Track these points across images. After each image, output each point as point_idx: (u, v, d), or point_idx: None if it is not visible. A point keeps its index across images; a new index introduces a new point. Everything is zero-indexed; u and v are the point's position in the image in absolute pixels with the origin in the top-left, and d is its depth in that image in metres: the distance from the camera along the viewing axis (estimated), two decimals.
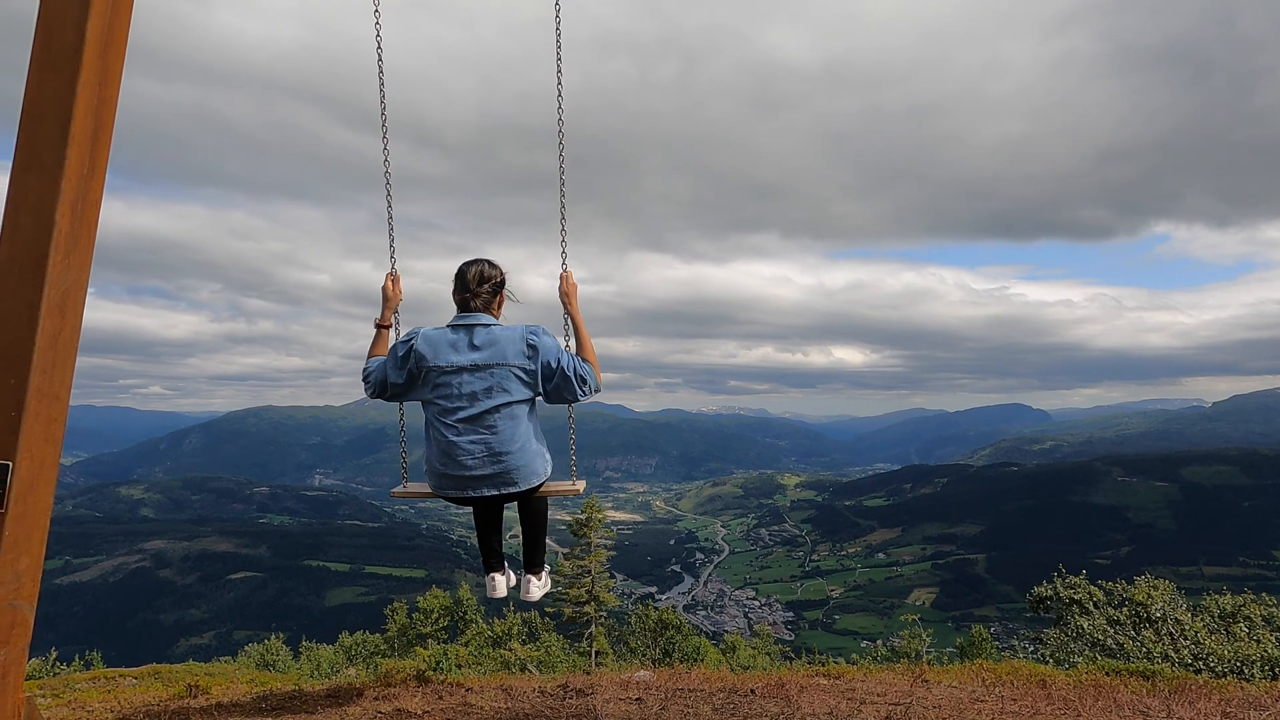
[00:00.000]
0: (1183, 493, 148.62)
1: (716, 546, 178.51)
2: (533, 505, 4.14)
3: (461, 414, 3.72)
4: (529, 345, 3.77)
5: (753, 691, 4.59)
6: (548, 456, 3.98)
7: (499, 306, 3.99)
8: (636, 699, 4.48)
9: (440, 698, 4.72)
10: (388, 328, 4.23)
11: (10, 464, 2.18)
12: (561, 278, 4.19)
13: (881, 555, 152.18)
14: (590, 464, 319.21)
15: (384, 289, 4.33)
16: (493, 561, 4.38)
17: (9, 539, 2.19)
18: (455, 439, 3.72)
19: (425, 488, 4.09)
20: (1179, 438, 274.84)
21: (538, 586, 4.26)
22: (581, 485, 4.22)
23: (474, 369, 3.72)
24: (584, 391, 3.85)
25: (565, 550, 25.30)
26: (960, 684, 5.09)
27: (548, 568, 4.40)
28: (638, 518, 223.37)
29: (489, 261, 3.96)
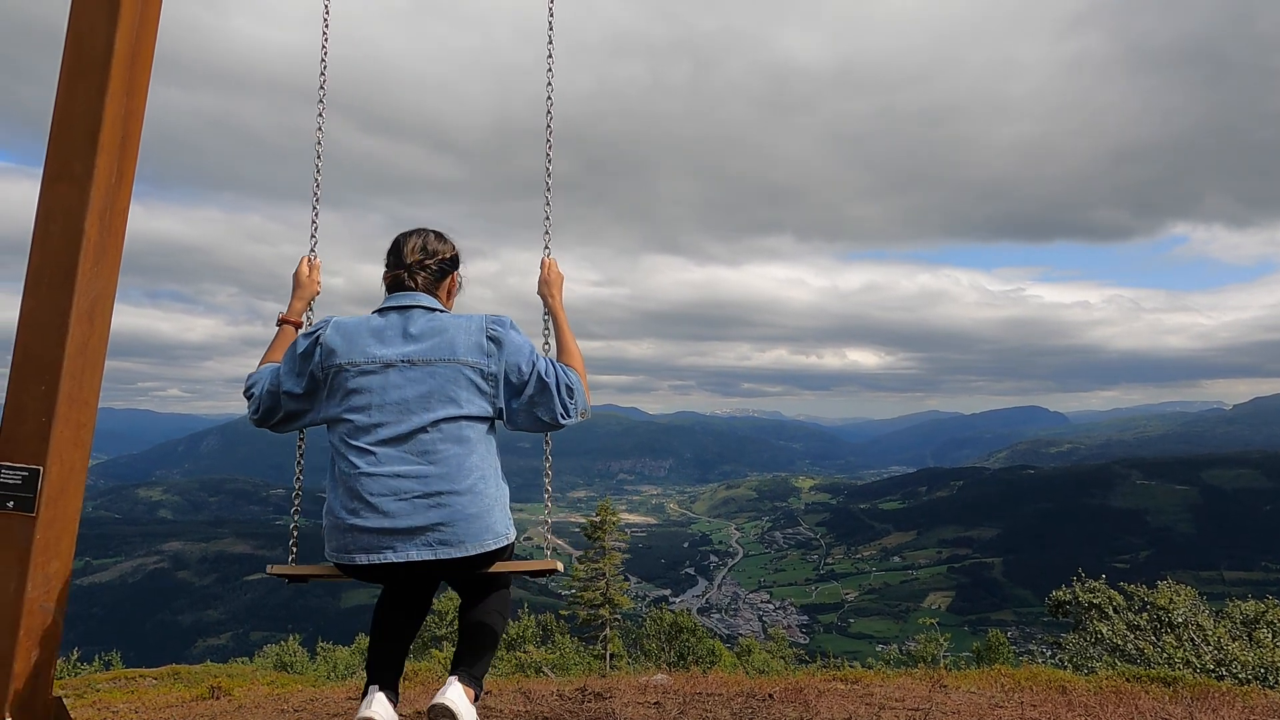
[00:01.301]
0: (1203, 496, 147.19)
1: (730, 549, 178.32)
2: (484, 590, 2.71)
3: (384, 432, 2.45)
4: (490, 338, 2.57)
5: (771, 696, 4.59)
6: (510, 515, 2.61)
7: (449, 294, 2.84)
8: (655, 703, 4.48)
9: None
10: (297, 326, 3.03)
11: (41, 469, 2.22)
12: (542, 265, 3.12)
13: (897, 558, 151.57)
14: (604, 466, 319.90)
15: (297, 273, 3.11)
16: (386, 670, 2.65)
17: (40, 543, 2.22)
18: (372, 471, 2.43)
19: (323, 567, 2.72)
20: (1199, 440, 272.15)
21: (463, 701, 2.44)
22: (559, 565, 2.76)
23: (407, 365, 2.49)
24: (568, 410, 2.64)
25: (579, 553, 25.36)
26: (979, 689, 5.06)
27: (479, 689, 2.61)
28: (651, 520, 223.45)
29: (436, 233, 2.81)
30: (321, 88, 3.31)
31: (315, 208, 3.26)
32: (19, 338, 2.27)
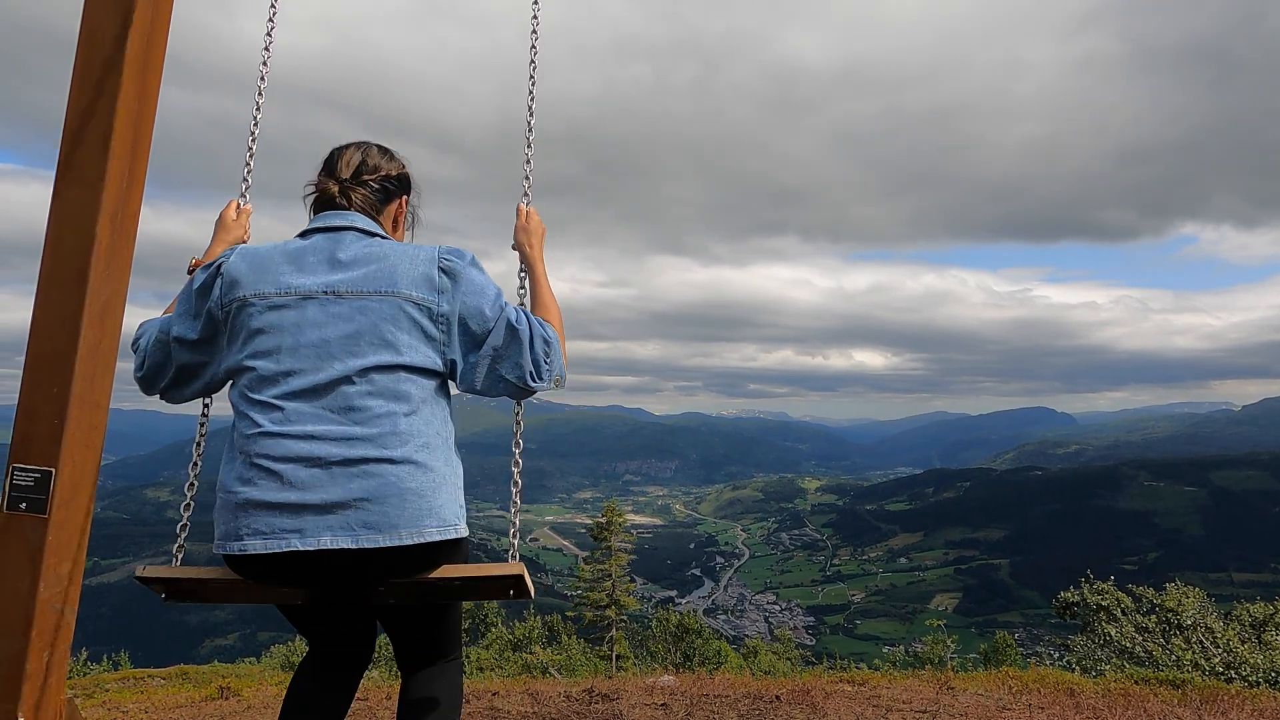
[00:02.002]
0: (1212, 497, 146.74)
1: (736, 550, 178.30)
2: (427, 654, 2.08)
3: (296, 382, 1.81)
4: (443, 270, 1.91)
5: (778, 698, 4.59)
6: (463, 503, 1.91)
7: (396, 225, 2.17)
8: (662, 704, 4.49)
9: (467, 701, 4.75)
10: None
11: (53, 470, 2.23)
12: (519, 213, 2.38)
13: (903, 560, 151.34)
14: (610, 467, 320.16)
15: (222, 216, 2.40)
16: None
17: (52, 544, 2.23)
18: (276, 430, 1.78)
19: (212, 570, 1.97)
20: (1208, 441, 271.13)
21: None
22: (523, 571, 1.87)
23: (332, 297, 1.85)
24: (539, 370, 1.97)
25: (585, 554, 25.39)
26: (986, 691, 5.05)
27: None
28: (657, 521, 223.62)
29: (381, 146, 2.14)
30: (264, 64, 3.20)
31: (251, 147, 2.49)
32: (31, 340, 2.28)
